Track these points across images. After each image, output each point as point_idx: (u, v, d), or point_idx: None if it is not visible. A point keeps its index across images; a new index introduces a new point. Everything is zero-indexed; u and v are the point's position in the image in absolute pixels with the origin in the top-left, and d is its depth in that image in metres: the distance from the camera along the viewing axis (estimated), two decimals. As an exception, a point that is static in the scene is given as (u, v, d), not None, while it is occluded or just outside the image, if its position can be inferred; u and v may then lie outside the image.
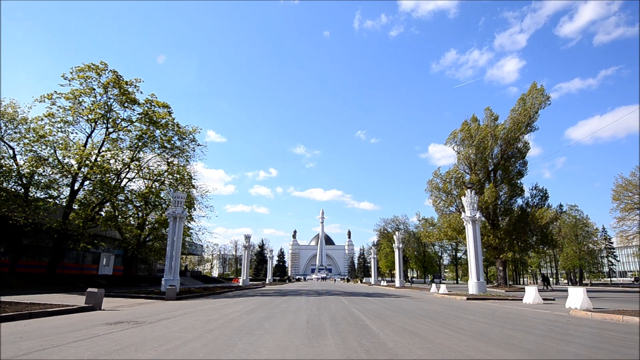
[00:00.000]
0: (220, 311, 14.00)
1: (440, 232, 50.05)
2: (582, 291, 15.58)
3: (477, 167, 47.47)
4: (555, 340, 7.72)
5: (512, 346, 7.05)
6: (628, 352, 6.50)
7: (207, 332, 8.57)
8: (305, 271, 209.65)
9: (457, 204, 46.13)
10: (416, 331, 8.93)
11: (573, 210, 75.40)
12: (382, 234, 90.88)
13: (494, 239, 44.39)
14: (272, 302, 18.97)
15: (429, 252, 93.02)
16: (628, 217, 47.93)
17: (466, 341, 7.54)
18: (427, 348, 6.69)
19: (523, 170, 47.64)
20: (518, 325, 10.46)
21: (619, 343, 7.51)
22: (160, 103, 31.25)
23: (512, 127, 45.62)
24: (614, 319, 11.74)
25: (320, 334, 8.33)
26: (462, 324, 10.58)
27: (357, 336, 8.05)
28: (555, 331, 9.21)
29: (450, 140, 50.11)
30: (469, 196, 30.37)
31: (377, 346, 6.86)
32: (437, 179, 48.93)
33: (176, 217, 27.10)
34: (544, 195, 47.93)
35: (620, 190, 47.88)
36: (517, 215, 46.71)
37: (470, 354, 6.18)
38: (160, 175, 32.60)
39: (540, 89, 44.75)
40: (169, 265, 26.41)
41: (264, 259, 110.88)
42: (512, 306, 18.03)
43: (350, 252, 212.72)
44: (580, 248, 73.73)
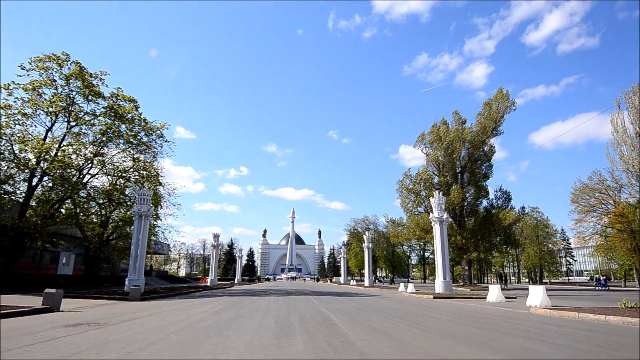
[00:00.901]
0: (187, 312, 13.69)
1: (408, 232, 51.02)
2: (541, 290, 16.24)
3: (445, 169, 48.64)
4: (517, 337, 7.99)
5: (475, 343, 7.24)
6: (583, 347, 6.80)
7: (172, 333, 8.34)
8: (275, 271, 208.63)
9: (425, 204, 47.11)
10: (384, 330, 9.02)
11: (534, 212, 78.73)
12: (352, 234, 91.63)
13: (460, 239, 45.61)
14: (241, 302, 18.73)
15: (398, 252, 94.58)
16: (585, 219, 50.37)
17: (432, 339, 7.69)
18: (395, 346, 6.77)
19: (489, 173, 49.25)
20: (482, 323, 10.77)
21: (575, 339, 7.86)
22: (127, 97, 30.21)
23: (479, 130, 47.04)
24: (571, 316, 12.30)
25: (289, 334, 8.27)
26: (428, 322, 10.79)
27: (326, 335, 8.04)
28: (517, 328, 9.53)
29: (419, 142, 51.14)
30: (436, 197, 31.05)
31: (345, 345, 6.88)
32: (407, 179, 49.82)
33: (142, 215, 26.30)
34: (508, 197, 49.72)
35: (578, 193, 50.22)
36: (482, 216, 48.25)
37: (436, 352, 6.29)
38: (125, 171, 31.53)
39: (505, 95, 46.37)
40: (133, 264, 25.60)
41: (233, 259, 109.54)
42: (477, 304, 18.56)
43: (321, 252, 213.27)
44: (540, 248, 76.99)
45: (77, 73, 27.64)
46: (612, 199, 48.37)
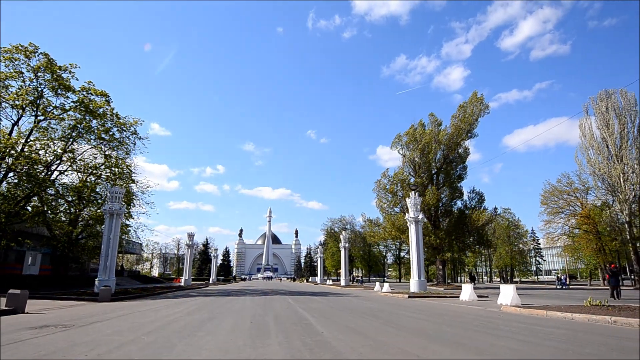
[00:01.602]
0: (159, 312, 13.39)
1: (385, 232, 51.52)
2: (512, 289, 16.67)
3: (421, 170, 49.37)
4: (488, 335, 8.16)
5: (448, 341, 7.36)
6: (551, 344, 7.00)
7: (144, 334, 8.12)
8: (251, 270, 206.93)
9: (401, 205, 47.69)
10: (359, 329, 9.05)
11: (506, 213, 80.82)
12: (329, 234, 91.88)
13: (435, 239, 46.40)
14: (215, 303, 18.47)
15: (374, 251, 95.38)
16: (554, 220, 52.19)
17: (406, 337, 7.77)
18: (370, 345, 6.79)
19: (463, 174, 50.29)
20: (454, 321, 10.96)
21: (544, 337, 8.08)
22: (99, 91, 29.28)
23: (454, 133, 47.96)
24: (540, 314, 12.67)
25: (264, 334, 8.20)
26: (403, 321, 10.90)
27: (302, 335, 8.01)
28: (488, 326, 9.74)
29: (396, 143, 51.74)
30: (412, 198, 31.47)
31: (320, 345, 6.86)
32: (384, 180, 50.33)
33: (113, 213, 25.57)
34: (481, 199, 50.89)
35: (547, 195, 51.95)
36: (457, 217, 49.23)
37: (410, 350, 6.35)
38: (96, 168, 30.59)
39: (480, 98, 47.44)
40: (103, 264, 24.87)
41: (208, 258, 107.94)
42: (450, 303, 18.90)
43: (297, 252, 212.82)
44: (511, 248, 79.15)
45: (46, 65, 26.62)
46: (579, 201, 50.27)
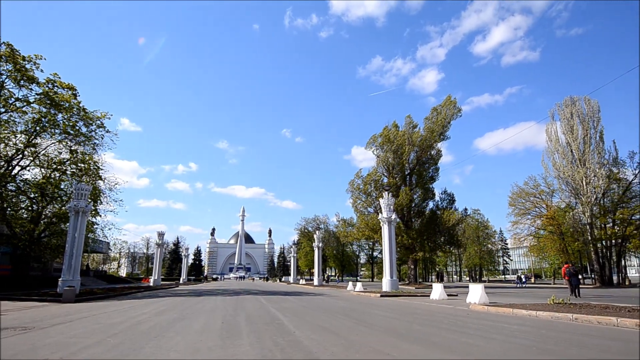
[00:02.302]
0: (126, 313, 12.99)
1: (358, 231, 51.94)
2: (480, 287, 17.10)
3: (394, 170, 50.04)
4: (457, 333, 8.33)
5: (418, 339, 7.46)
6: (517, 341, 7.21)
7: (109, 336, 7.85)
8: (223, 270, 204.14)
9: (375, 205, 48.20)
10: (332, 328, 9.06)
11: (476, 213, 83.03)
12: (303, 233, 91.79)
13: (407, 239, 47.12)
14: (186, 303, 18.10)
15: (348, 251, 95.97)
16: (521, 221, 53.97)
17: (378, 336, 7.83)
18: (342, 344, 6.80)
19: (435, 176, 51.31)
20: (425, 319, 11.14)
21: (510, 334, 8.33)
22: (65, 84, 28.14)
23: (427, 135, 48.86)
24: (506, 312, 13.05)
25: (235, 334, 8.08)
26: (375, 320, 10.99)
27: (273, 335, 7.94)
28: (457, 324, 9.95)
29: (370, 143, 52.24)
30: (386, 198, 31.80)
31: (292, 344, 6.82)
32: (358, 180, 50.74)
33: (79, 211, 24.62)
34: (452, 200, 52.05)
35: (515, 197, 53.66)
36: (428, 217, 50.18)
37: (381, 348, 6.40)
38: (61, 164, 29.37)
39: (453, 102, 48.54)
40: (68, 264, 23.92)
41: (178, 258, 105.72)
42: (421, 302, 19.22)
43: (271, 251, 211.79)
44: (480, 248, 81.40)
45: (8, 55, 25.37)
46: (545, 203, 52.17)
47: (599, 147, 46.39)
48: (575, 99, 48.95)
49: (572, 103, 48.87)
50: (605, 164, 46.13)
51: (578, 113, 47.97)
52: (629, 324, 9.06)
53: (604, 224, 46.72)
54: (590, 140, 46.66)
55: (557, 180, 49.48)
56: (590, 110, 47.62)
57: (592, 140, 46.64)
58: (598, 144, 46.46)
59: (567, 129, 48.44)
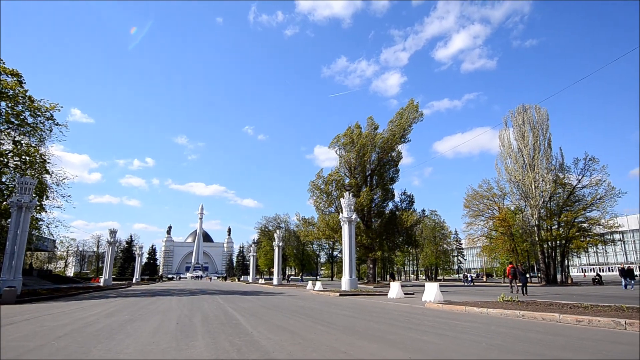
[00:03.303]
0: (73, 315, 12.32)
1: (319, 231, 52.13)
2: (435, 286, 17.64)
3: (356, 171, 50.66)
4: (412, 330, 8.54)
5: (375, 337, 7.58)
6: (468, 337, 7.49)
7: (54, 339, 7.41)
8: (179, 270, 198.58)
9: (336, 204, 48.58)
10: (290, 328, 9.02)
11: (433, 214, 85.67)
12: (263, 232, 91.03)
13: (366, 238, 47.84)
14: (138, 304, 17.43)
15: (308, 250, 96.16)
16: (475, 223, 56.14)
17: (335, 335, 7.87)
18: (299, 344, 6.78)
19: (395, 177, 52.44)
20: (382, 318, 11.33)
21: (462, 331, 8.64)
22: (9, 70, 26.30)
23: (389, 137, 49.84)
24: (459, 310, 13.54)
25: (190, 335, 7.86)
26: (333, 319, 11.05)
27: (230, 335, 7.80)
28: (412, 322, 10.20)
29: (333, 143, 52.62)
30: (347, 198, 32.13)
31: (249, 345, 6.72)
32: (320, 179, 50.93)
33: (22, 206, 23.07)
34: (411, 201, 53.41)
35: (470, 199, 55.78)
36: (388, 218, 51.20)
37: (338, 347, 6.45)
38: (3, 155, 27.44)
39: (415, 106, 49.80)
40: (8, 263, 22.35)
41: (131, 257, 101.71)
42: (379, 301, 19.56)
43: (230, 250, 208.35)
44: (436, 248, 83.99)
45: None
46: (497, 205, 54.58)
47: (547, 153, 49.11)
48: (527, 107, 51.56)
49: (524, 111, 51.43)
50: (552, 169, 48.90)
51: (529, 120, 50.54)
52: (570, 319, 9.64)
53: (550, 226, 49.51)
54: (540, 146, 49.28)
55: (509, 183, 51.92)
56: (540, 118, 50.30)
57: (541, 147, 49.28)
58: (546, 150, 49.17)
59: (518, 135, 50.95)
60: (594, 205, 47.68)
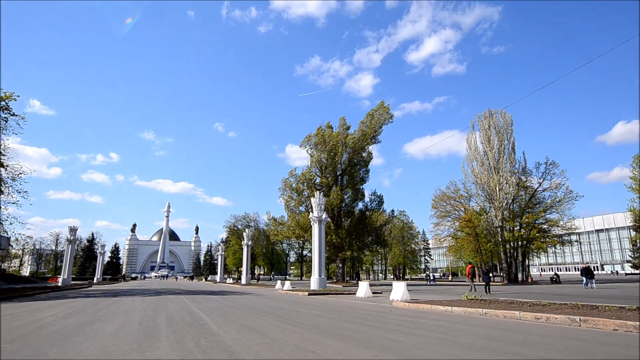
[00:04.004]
0: (28, 316, 11.71)
1: (288, 230, 52.02)
2: (402, 285, 17.93)
3: (327, 170, 50.84)
4: (379, 329, 8.63)
5: (342, 336, 7.60)
6: (433, 335, 7.64)
7: (7, 342, 7.00)
8: (144, 269, 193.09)
9: (306, 204, 48.57)
10: (257, 327, 8.92)
11: (402, 215, 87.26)
12: (232, 231, 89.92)
13: (336, 238, 48.10)
14: (99, 304, 16.79)
15: (277, 250, 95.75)
16: (442, 223, 57.61)
17: (303, 334, 7.84)
18: (266, 344, 6.71)
19: (366, 177, 53.02)
20: (350, 317, 11.40)
21: (428, 329, 8.81)
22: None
23: (360, 137, 50.32)
24: (425, 308, 13.81)
25: (154, 337, 7.62)
26: (301, 318, 11.02)
27: (195, 336, 7.62)
28: (380, 321, 10.31)
29: (305, 142, 52.62)
30: (317, 197, 32.18)
31: (215, 345, 6.59)
32: (291, 178, 50.83)
33: (-25, 201, 21.79)
34: (380, 201, 54.17)
35: (437, 200, 57.17)
36: (358, 217, 51.69)
37: (305, 346, 6.42)
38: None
39: (386, 108, 50.51)
40: (-42, 261, 21.05)
41: (93, 255, 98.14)
42: (347, 300, 19.68)
43: (197, 249, 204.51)
44: (405, 248, 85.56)
45: None
46: (463, 206, 56.21)
47: (511, 157, 50.96)
48: (493, 112, 53.35)
49: (490, 115, 53.16)
50: (515, 172, 50.80)
51: (495, 125, 52.28)
52: (529, 317, 10.02)
53: (512, 227, 51.39)
54: (504, 150, 51.09)
55: (475, 185, 53.57)
56: (505, 123, 52.13)
57: (506, 151, 51.10)
58: (510, 154, 51.02)
59: (484, 139, 52.61)
60: (553, 208, 49.98)
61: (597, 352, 5.79)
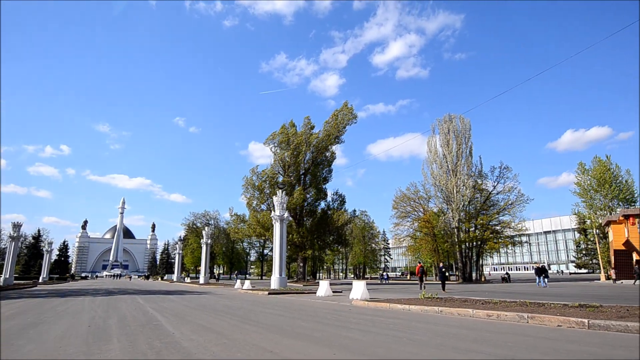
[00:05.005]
0: (-36, 318, 10.86)
1: (250, 228, 51.50)
2: (362, 284, 18.17)
3: (290, 169, 50.70)
4: (338, 328, 8.68)
5: (301, 335, 7.60)
6: (390, 333, 7.78)
7: None
8: (95, 268, 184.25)
9: (268, 202, 48.25)
10: (214, 328, 8.73)
11: (363, 215, 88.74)
12: (191, 229, 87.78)
13: (298, 237, 48.06)
14: (44, 305, 15.86)
15: (238, 248, 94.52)
16: (402, 223, 59.01)
17: (262, 334, 7.75)
18: (224, 344, 6.57)
19: (329, 177, 53.35)
20: (310, 316, 11.40)
21: (385, 327, 8.96)
22: None
23: (324, 137, 50.56)
24: (384, 307, 14.06)
25: (104, 339, 7.27)
26: (260, 317, 10.90)
27: (149, 337, 7.34)
28: (339, 319, 10.38)
29: (269, 140, 52.24)
30: (279, 196, 32.01)
31: (170, 346, 6.37)
32: (254, 176, 50.29)
33: None
34: (342, 201, 54.70)
35: (398, 201, 58.48)
36: (320, 217, 51.92)
37: (265, 346, 6.35)
38: None
39: (350, 108, 51.02)
40: None
41: (39, 253, 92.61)
42: (307, 299, 19.69)
43: (153, 247, 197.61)
44: (365, 247, 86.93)
45: None
46: (422, 207, 57.81)
47: (468, 160, 53.00)
48: (453, 117, 55.23)
49: (450, 120, 55.01)
50: (472, 175, 52.89)
51: (454, 129, 54.14)
52: (482, 314, 10.43)
53: (468, 228, 53.45)
54: (462, 154, 53.04)
55: (434, 187, 55.27)
56: (463, 128, 54.11)
57: (464, 154, 53.08)
58: (468, 158, 53.04)
59: (444, 143, 54.36)
60: (506, 210, 52.51)
61: (542, 347, 6.10)
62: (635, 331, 7.24)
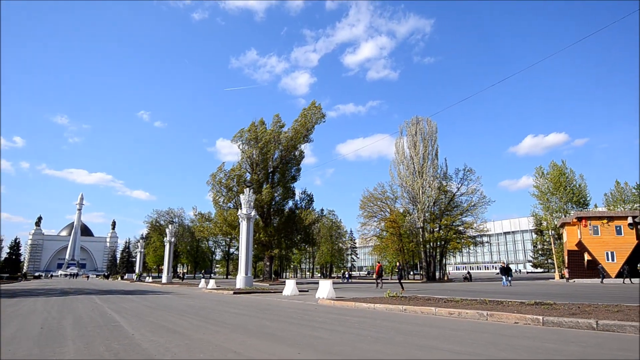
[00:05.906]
0: None
1: (216, 227, 50.68)
2: (329, 283, 18.25)
3: (258, 167, 50.23)
4: (304, 327, 8.66)
5: (266, 335, 7.52)
6: (355, 331, 7.84)
7: None
8: (50, 267, 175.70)
9: (235, 200, 47.59)
10: (176, 328, 8.50)
11: (331, 214, 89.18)
12: (154, 227, 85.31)
13: (265, 236, 47.72)
14: (-6, 305, 14.94)
15: (203, 247, 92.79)
16: (368, 223, 59.77)
17: (226, 334, 7.62)
18: (186, 345, 6.40)
19: (297, 176, 53.23)
20: (275, 315, 11.32)
21: (351, 325, 9.02)
22: None
23: (293, 135, 50.41)
24: (350, 306, 14.16)
25: (58, 341, 6.92)
26: (224, 317, 10.72)
27: (107, 339, 7.04)
28: (305, 319, 10.36)
29: (237, 137, 51.53)
30: (247, 194, 31.65)
31: (129, 348, 6.14)
32: (221, 173, 49.49)
33: None
34: (310, 200, 54.75)
35: (365, 201, 59.18)
36: (287, 216, 51.74)
37: (229, 346, 6.23)
38: None
39: (318, 107, 51.12)
40: None
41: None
42: (274, 298, 19.56)
43: (113, 245, 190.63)
44: (332, 246, 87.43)
45: None
46: (389, 208, 58.77)
47: (434, 162, 54.33)
48: (420, 119, 56.43)
49: (417, 122, 56.17)
50: (437, 177, 54.29)
51: (421, 131, 55.34)
52: (444, 312, 10.70)
53: (432, 229, 54.77)
54: (428, 155, 54.31)
55: (400, 188, 56.27)
56: (430, 130, 55.40)
57: (430, 156, 54.35)
58: (434, 160, 54.36)
59: (411, 144, 55.46)
60: (469, 211, 54.31)
61: (500, 344, 6.32)
62: (586, 327, 7.65)
